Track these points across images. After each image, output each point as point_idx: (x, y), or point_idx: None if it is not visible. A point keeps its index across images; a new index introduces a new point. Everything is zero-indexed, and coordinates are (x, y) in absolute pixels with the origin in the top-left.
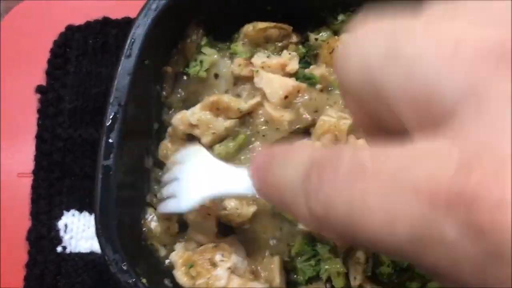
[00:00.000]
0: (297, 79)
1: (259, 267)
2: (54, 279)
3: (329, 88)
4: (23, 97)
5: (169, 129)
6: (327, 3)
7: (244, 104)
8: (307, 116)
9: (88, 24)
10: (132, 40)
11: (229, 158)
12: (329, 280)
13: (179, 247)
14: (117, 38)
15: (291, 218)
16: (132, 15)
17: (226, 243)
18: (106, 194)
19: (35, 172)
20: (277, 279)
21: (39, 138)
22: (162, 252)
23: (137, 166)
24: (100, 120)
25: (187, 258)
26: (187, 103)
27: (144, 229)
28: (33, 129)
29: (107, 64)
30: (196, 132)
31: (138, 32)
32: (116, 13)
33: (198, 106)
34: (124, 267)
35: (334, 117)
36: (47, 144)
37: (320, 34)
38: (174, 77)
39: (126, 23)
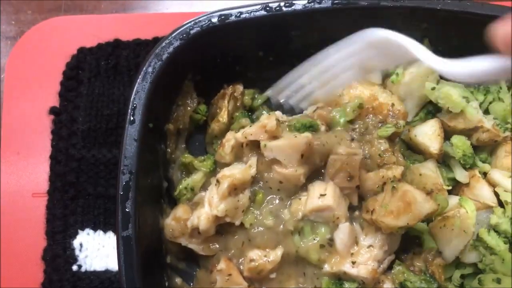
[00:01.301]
0: (299, 131)
1: None
2: None
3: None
4: (37, 118)
5: (190, 227)
6: (316, 41)
7: (253, 169)
8: (318, 162)
9: (99, 46)
10: (134, 106)
11: (260, 222)
12: None
13: None
14: (128, 59)
15: (315, 262)
16: (143, 37)
17: None
18: (130, 265)
19: (50, 192)
20: None
21: (53, 159)
22: None
23: (154, 229)
24: (113, 141)
25: None
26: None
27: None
28: (47, 149)
29: (119, 85)
30: (227, 219)
31: (138, 97)
32: (126, 35)
33: (216, 198)
34: None
35: (344, 154)
36: (61, 164)
37: None
38: (176, 133)
39: (137, 45)
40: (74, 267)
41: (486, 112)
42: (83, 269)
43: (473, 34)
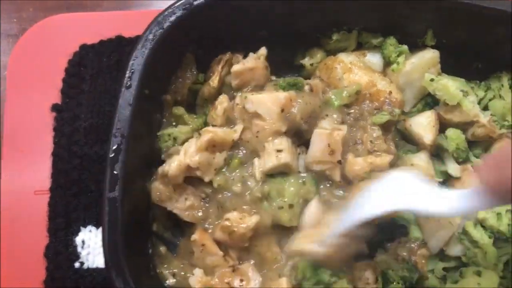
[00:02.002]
0: (284, 90)
1: None
2: None
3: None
4: (39, 115)
5: (160, 172)
6: (321, 24)
7: (236, 134)
8: (299, 120)
9: (101, 42)
10: (131, 71)
11: (228, 186)
12: None
13: (198, 272)
14: (130, 56)
15: (288, 223)
16: None
17: (244, 268)
18: (113, 227)
19: (52, 190)
20: None
21: (56, 156)
22: (171, 280)
23: (141, 195)
24: None
25: (205, 282)
26: None
27: (152, 255)
28: (49, 147)
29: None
30: (197, 173)
31: (136, 63)
32: (129, 31)
33: (193, 148)
34: None
35: (328, 129)
36: (64, 161)
37: (313, 58)
38: (174, 104)
39: None
40: (76, 264)
41: (486, 108)
42: (85, 266)
43: (478, 28)
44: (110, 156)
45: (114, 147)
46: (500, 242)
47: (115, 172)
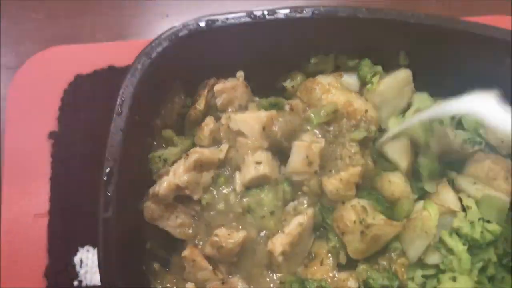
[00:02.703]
0: (265, 109)
1: None
2: None
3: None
4: (37, 143)
5: (151, 193)
6: (300, 49)
7: (222, 153)
8: (280, 138)
9: (95, 72)
10: (122, 99)
11: (214, 204)
12: None
13: (190, 285)
14: (121, 85)
15: (273, 228)
16: None
17: (233, 281)
18: (108, 246)
19: (51, 212)
20: None
21: (54, 180)
22: None
23: (134, 215)
24: None
25: None
26: None
27: (146, 271)
28: (47, 172)
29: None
30: (186, 192)
31: (127, 92)
32: (120, 61)
33: (181, 169)
34: None
35: (307, 141)
36: (61, 186)
37: (294, 81)
38: (163, 128)
39: None
40: (75, 283)
41: (460, 122)
42: (83, 284)
43: (448, 49)
44: (104, 179)
45: (107, 171)
46: (475, 249)
47: (108, 194)
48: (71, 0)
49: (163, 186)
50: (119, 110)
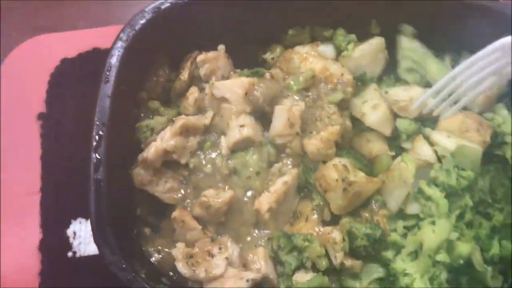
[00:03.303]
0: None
1: (248, 258)
2: (67, 282)
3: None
4: (27, 126)
5: (140, 159)
6: (277, 22)
7: (207, 119)
8: (262, 102)
9: (80, 55)
10: (109, 68)
11: (202, 167)
12: (314, 267)
13: (180, 244)
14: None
15: (259, 189)
16: None
17: (223, 240)
18: (99, 204)
19: (43, 189)
20: (263, 267)
21: (44, 159)
22: (156, 256)
23: (124, 181)
24: None
25: (187, 252)
26: None
27: (137, 234)
28: (38, 152)
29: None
30: (174, 156)
31: (113, 61)
32: (104, 43)
33: (168, 134)
34: (123, 266)
35: (288, 105)
36: (52, 163)
37: (274, 53)
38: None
39: None
40: (69, 254)
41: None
42: (77, 255)
43: (415, 14)
44: (94, 143)
45: (96, 135)
46: (452, 196)
47: (98, 156)
48: None
49: (151, 151)
50: (106, 78)
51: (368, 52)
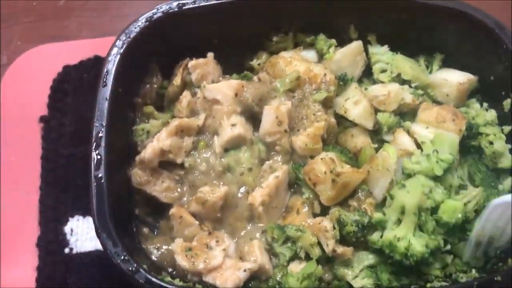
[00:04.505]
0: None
1: (245, 250)
2: (63, 277)
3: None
4: (29, 128)
5: (138, 160)
6: (263, 29)
7: (200, 121)
8: (251, 102)
9: (81, 62)
10: (106, 72)
11: (197, 165)
12: (307, 257)
13: (178, 240)
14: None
15: (253, 185)
16: None
17: (219, 234)
18: (100, 200)
19: (42, 188)
20: (259, 257)
21: (44, 158)
22: (156, 253)
23: (123, 181)
24: None
25: (186, 246)
26: None
27: (136, 233)
28: (38, 153)
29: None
30: (170, 156)
31: (110, 66)
32: (105, 52)
33: (164, 134)
34: (126, 257)
35: (275, 105)
36: (51, 162)
37: (260, 59)
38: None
39: None
40: (66, 250)
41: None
42: (74, 251)
43: (390, 19)
44: (93, 142)
45: (96, 135)
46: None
47: (98, 155)
48: (57, 6)
49: (148, 151)
50: (104, 82)
51: (347, 54)
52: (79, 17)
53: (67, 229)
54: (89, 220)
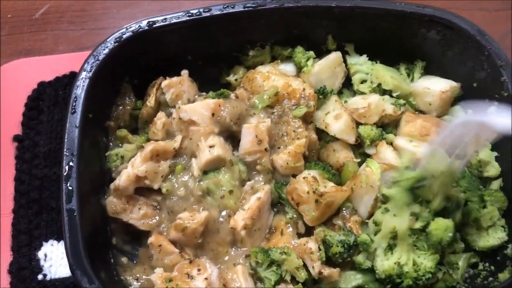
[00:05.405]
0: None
1: (228, 277)
2: None
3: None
4: (2, 148)
5: (112, 187)
6: (237, 44)
7: (177, 143)
8: (229, 121)
9: (57, 79)
10: (74, 98)
11: (174, 190)
12: (294, 280)
13: (158, 270)
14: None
15: (234, 208)
16: None
17: (201, 262)
18: (74, 233)
19: (15, 211)
20: (244, 284)
21: (18, 180)
22: (135, 284)
23: (97, 211)
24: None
25: (166, 277)
26: None
27: (114, 264)
28: (12, 174)
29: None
30: (146, 182)
31: (78, 92)
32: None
33: (138, 160)
34: None
35: (254, 123)
36: (25, 184)
37: (237, 74)
38: (118, 129)
39: None
40: (40, 276)
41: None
42: (48, 278)
43: (369, 27)
44: (64, 173)
45: (66, 165)
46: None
47: (70, 187)
48: (33, 18)
49: (122, 178)
50: (73, 108)
51: (326, 66)
52: (55, 30)
53: (40, 254)
54: (63, 245)
